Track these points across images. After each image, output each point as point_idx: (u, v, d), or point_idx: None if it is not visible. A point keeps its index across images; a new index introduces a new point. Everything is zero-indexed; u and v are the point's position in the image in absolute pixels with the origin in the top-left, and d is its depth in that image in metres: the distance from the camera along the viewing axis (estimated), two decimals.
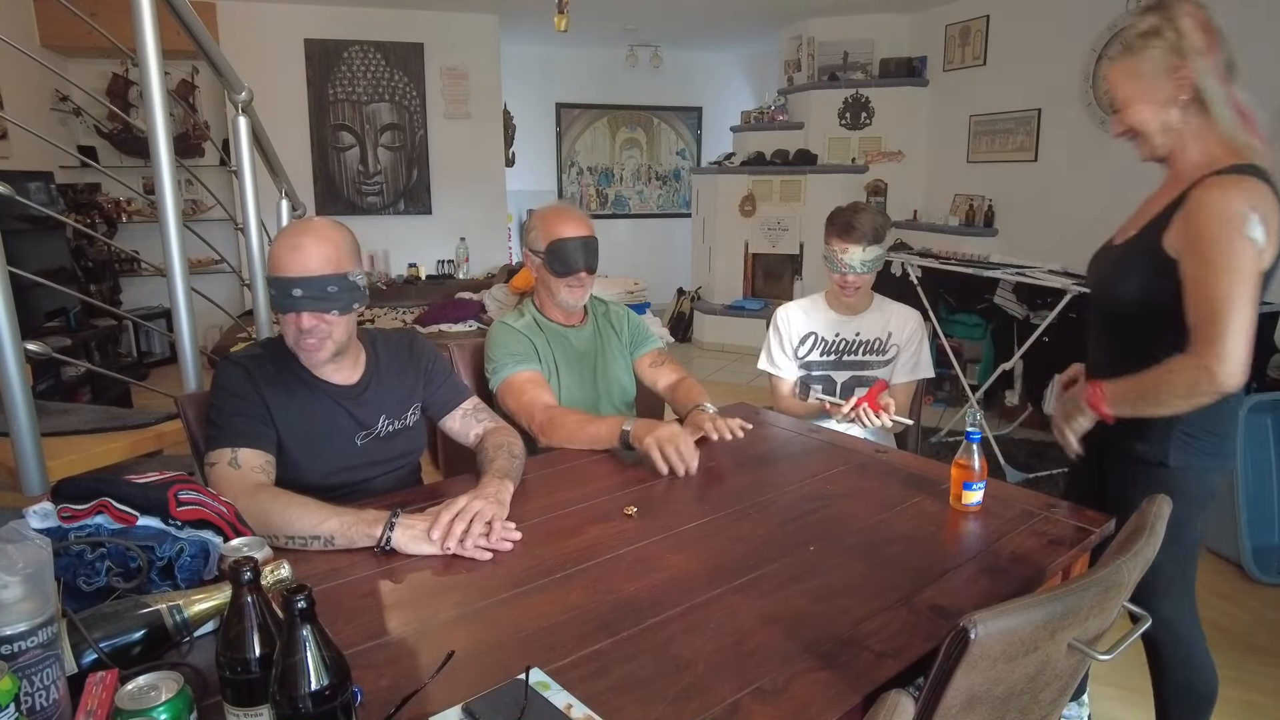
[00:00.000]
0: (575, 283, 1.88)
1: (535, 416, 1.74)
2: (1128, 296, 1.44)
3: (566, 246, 1.84)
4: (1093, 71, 4.33)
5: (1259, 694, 2.08)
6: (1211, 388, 1.27)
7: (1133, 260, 1.44)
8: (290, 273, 1.34)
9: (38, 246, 3.69)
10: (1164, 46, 1.35)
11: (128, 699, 0.73)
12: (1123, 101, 1.42)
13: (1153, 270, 1.37)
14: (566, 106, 7.39)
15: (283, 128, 5.17)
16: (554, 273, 1.86)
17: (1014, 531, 1.29)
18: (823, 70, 5.89)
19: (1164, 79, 1.35)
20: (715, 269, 6.44)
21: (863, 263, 1.99)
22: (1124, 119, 1.43)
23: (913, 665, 0.94)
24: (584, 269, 1.86)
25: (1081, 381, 1.55)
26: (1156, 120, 1.38)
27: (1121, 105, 1.43)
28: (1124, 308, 1.45)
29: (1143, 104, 1.39)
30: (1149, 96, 1.38)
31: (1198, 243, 1.30)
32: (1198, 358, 1.28)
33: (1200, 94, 1.34)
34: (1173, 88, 1.35)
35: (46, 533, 1.01)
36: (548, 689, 0.85)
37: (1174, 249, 1.34)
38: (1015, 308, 3.82)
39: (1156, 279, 1.36)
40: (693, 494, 1.48)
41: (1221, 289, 1.26)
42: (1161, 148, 1.42)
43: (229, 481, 1.28)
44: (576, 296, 1.90)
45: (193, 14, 1.90)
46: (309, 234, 1.38)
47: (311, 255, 1.35)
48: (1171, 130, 1.38)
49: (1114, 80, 1.43)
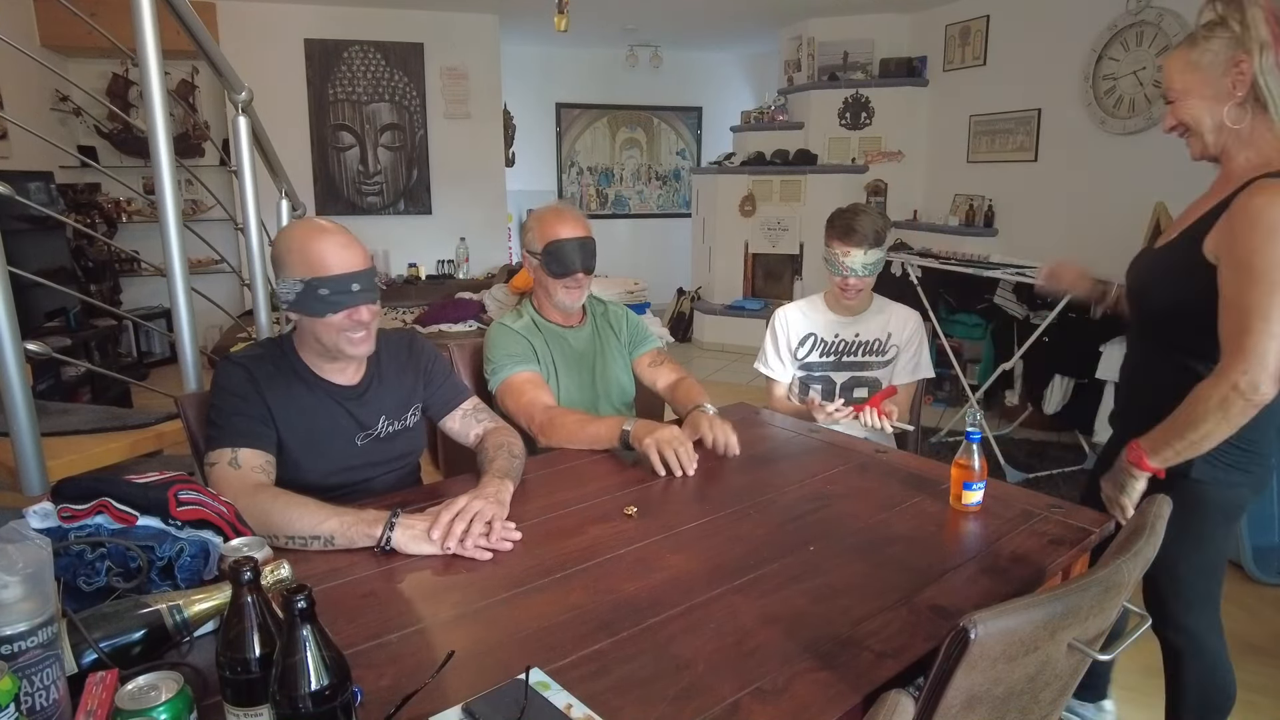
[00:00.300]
0: (573, 284, 1.87)
1: (535, 417, 1.74)
2: (1163, 301, 1.39)
3: (564, 248, 1.83)
4: (1093, 71, 4.33)
5: (1259, 694, 2.08)
6: (1245, 402, 1.21)
7: (1171, 264, 1.39)
8: (347, 269, 1.37)
9: (38, 246, 3.68)
10: (1227, 38, 1.27)
11: (128, 699, 0.73)
12: (1177, 93, 1.35)
13: (1191, 275, 1.31)
14: (566, 106, 7.39)
15: (283, 128, 5.17)
16: (551, 274, 1.85)
17: (1014, 531, 1.29)
18: (823, 70, 5.89)
19: (1222, 73, 1.28)
20: (715, 269, 6.44)
21: (864, 265, 1.99)
22: (1176, 113, 1.36)
23: (913, 665, 0.94)
24: (581, 270, 1.86)
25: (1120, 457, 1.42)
26: (1210, 117, 1.32)
27: (1175, 97, 1.35)
28: (1159, 313, 1.41)
29: (1197, 98, 1.32)
30: (1204, 90, 1.31)
31: (1236, 249, 1.24)
32: (1222, 376, 1.23)
33: (1258, 91, 1.26)
34: (1230, 83, 1.28)
35: (46, 533, 1.01)
36: (548, 689, 0.85)
37: (1214, 254, 1.28)
38: (1015, 308, 3.83)
39: (1194, 284, 1.30)
40: (693, 494, 1.48)
41: (1254, 299, 1.19)
42: (1213, 146, 1.35)
43: (229, 481, 1.28)
44: (574, 298, 1.90)
45: (193, 14, 1.90)
46: (342, 231, 1.42)
47: (356, 250, 1.40)
48: (1225, 129, 1.31)
49: (1170, 71, 1.36)
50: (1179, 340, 1.38)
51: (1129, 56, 4.15)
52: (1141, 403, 1.48)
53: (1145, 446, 1.33)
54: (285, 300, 1.39)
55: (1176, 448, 1.30)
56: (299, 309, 1.39)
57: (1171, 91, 1.36)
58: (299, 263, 1.37)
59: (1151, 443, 1.33)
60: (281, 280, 1.39)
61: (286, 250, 1.39)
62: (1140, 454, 1.33)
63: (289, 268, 1.38)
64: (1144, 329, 1.50)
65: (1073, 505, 1.40)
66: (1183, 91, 1.34)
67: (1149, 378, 1.45)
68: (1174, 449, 1.30)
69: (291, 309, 1.40)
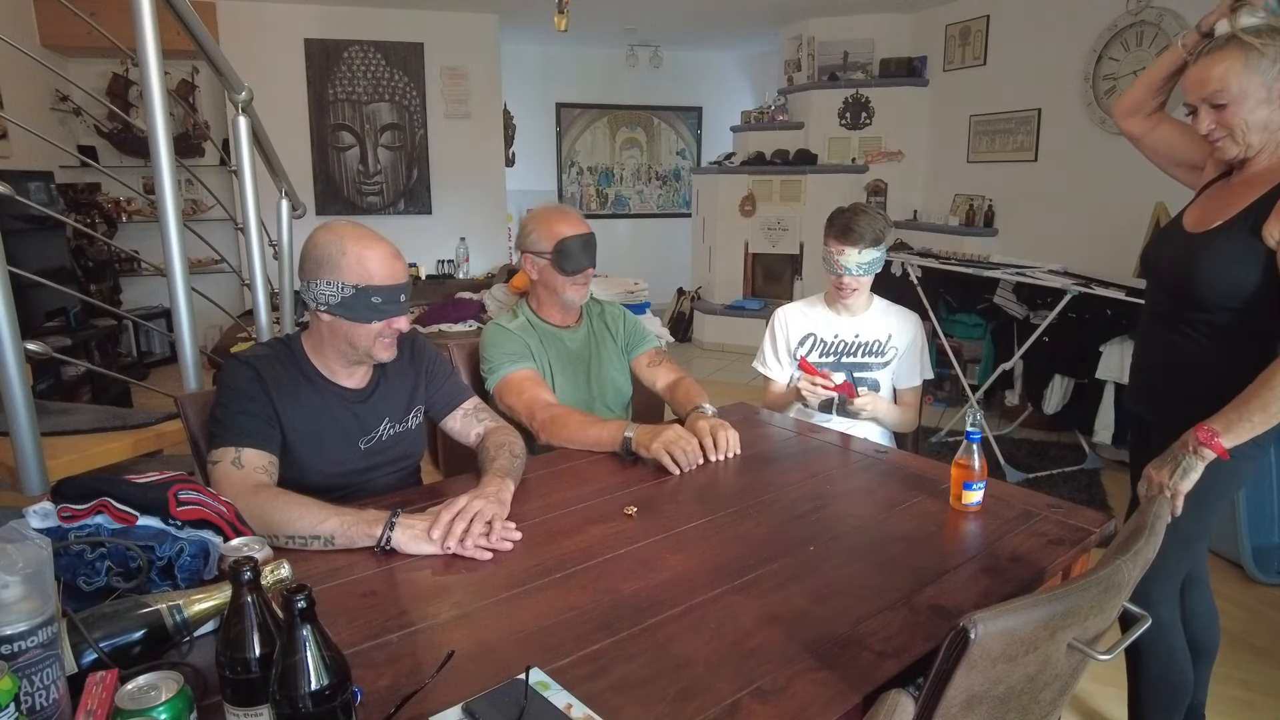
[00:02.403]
0: (582, 280, 1.90)
1: (537, 414, 1.74)
2: (1218, 285, 1.41)
3: (573, 244, 1.85)
4: (1093, 71, 4.34)
5: (1259, 694, 2.08)
6: None
7: (1224, 248, 1.41)
8: (398, 279, 1.41)
9: (38, 246, 3.68)
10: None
11: (128, 699, 0.73)
12: (1232, 97, 1.36)
13: (1249, 258, 1.36)
14: (566, 106, 7.39)
15: (283, 128, 5.18)
16: (563, 271, 1.86)
17: (1014, 531, 1.29)
18: (823, 70, 5.89)
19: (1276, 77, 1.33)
20: (715, 269, 6.44)
21: (859, 265, 1.98)
22: (1227, 118, 1.38)
23: (913, 665, 0.94)
24: (590, 265, 1.88)
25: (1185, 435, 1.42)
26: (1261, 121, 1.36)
27: (1228, 100, 1.36)
28: (1212, 297, 1.43)
29: (1255, 102, 1.35)
30: (1261, 94, 1.34)
31: None
32: None
33: None
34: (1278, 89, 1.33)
35: (46, 532, 1.01)
36: (548, 689, 0.85)
37: (1274, 238, 1.33)
38: (1015, 308, 3.82)
39: (1253, 267, 1.36)
40: (693, 494, 1.48)
41: None
42: (1252, 149, 1.39)
43: (231, 480, 1.28)
44: (581, 294, 1.92)
45: (193, 14, 1.90)
46: (389, 241, 1.44)
47: (403, 261, 1.44)
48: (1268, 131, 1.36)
49: (1226, 75, 1.35)
50: (1237, 324, 1.41)
51: (1129, 56, 4.16)
52: (1189, 387, 1.50)
53: (1218, 427, 1.34)
54: (325, 302, 1.38)
55: (1255, 421, 1.32)
56: (343, 312, 1.38)
57: (1224, 94, 1.36)
58: (353, 267, 1.37)
59: (1226, 422, 1.34)
60: (321, 281, 1.37)
61: (339, 253, 1.37)
62: (1212, 434, 1.34)
63: (339, 271, 1.37)
64: (1182, 311, 1.50)
65: (1073, 505, 1.40)
66: (1239, 96, 1.35)
67: (1196, 360, 1.47)
68: (1253, 423, 1.32)
69: (331, 311, 1.39)
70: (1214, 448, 1.35)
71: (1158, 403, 1.61)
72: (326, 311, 1.39)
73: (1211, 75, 1.37)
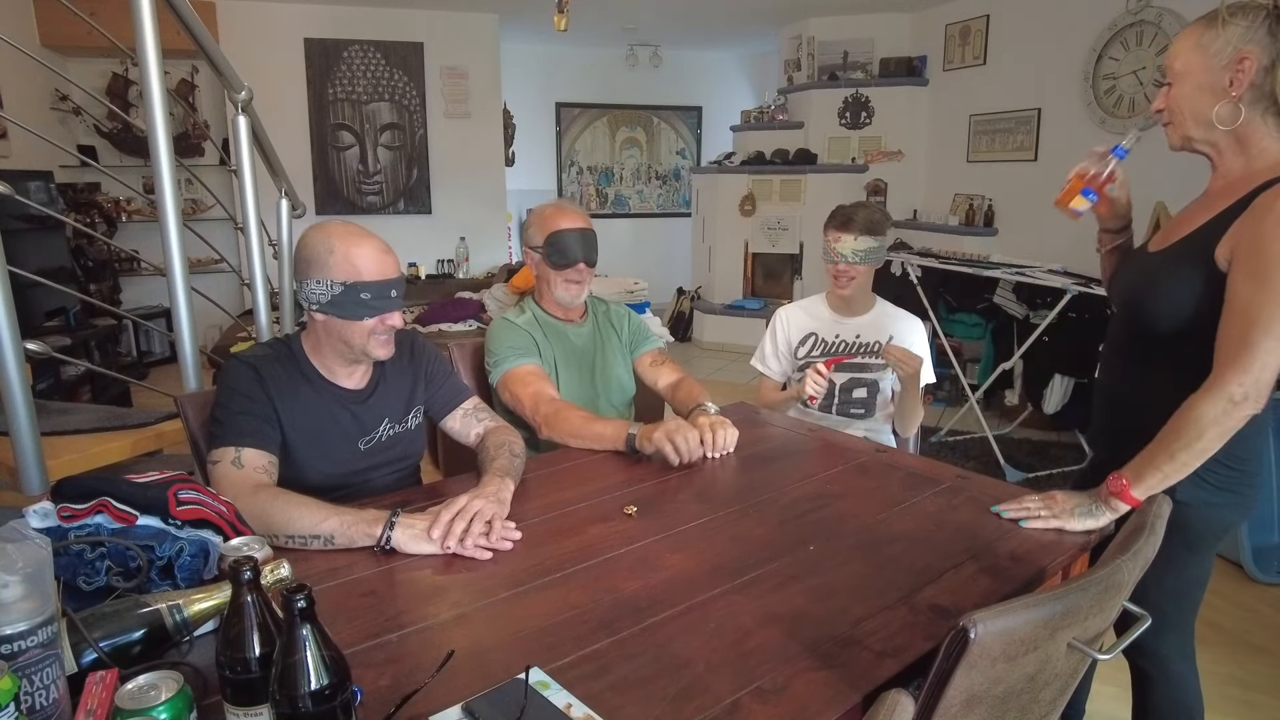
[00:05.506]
0: (574, 276, 1.88)
1: (540, 408, 1.74)
2: (1167, 310, 1.26)
3: (565, 238, 1.84)
4: (1093, 71, 4.34)
5: (1259, 694, 2.08)
6: (1238, 413, 1.13)
7: (1176, 270, 1.26)
8: (387, 275, 1.41)
9: (38, 246, 3.69)
10: (1244, 27, 1.16)
11: (127, 698, 0.73)
12: (1175, 74, 1.23)
13: (1200, 282, 1.21)
14: (566, 106, 7.39)
15: (283, 127, 5.18)
16: (553, 265, 1.86)
17: (1014, 531, 1.29)
18: (823, 70, 5.89)
19: (1224, 65, 1.18)
20: (715, 268, 6.44)
21: (854, 251, 1.98)
22: (1168, 96, 1.25)
23: (913, 665, 0.94)
24: (583, 261, 1.87)
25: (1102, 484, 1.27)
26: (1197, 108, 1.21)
27: (1172, 79, 1.24)
28: (1161, 323, 1.27)
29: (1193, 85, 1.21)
30: (1202, 78, 1.20)
31: (1253, 254, 1.13)
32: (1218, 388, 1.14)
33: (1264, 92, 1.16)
34: (1228, 79, 1.17)
35: (46, 532, 1.01)
36: (548, 688, 0.85)
37: (1227, 259, 1.18)
38: (1015, 307, 3.83)
39: (1205, 292, 1.20)
40: (693, 493, 1.48)
41: (1264, 312, 1.10)
42: (1198, 142, 1.25)
43: (230, 480, 1.28)
44: (574, 293, 1.90)
45: (193, 13, 1.90)
46: (377, 237, 1.44)
47: (394, 257, 1.45)
48: (1210, 126, 1.21)
49: (1177, 47, 1.23)
50: (1179, 354, 1.26)
51: (1129, 56, 4.16)
52: (1130, 423, 1.34)
53: (1128, 476, 1.21)
54: (316, 301, 1.38)
55: (1165, 471, 1.18)
56: (333, 310, 1.38)
57: (1170, 71, 1.25)
58: (340, 265, 1.37)
59: (1136, 470, 1.20)
60: (312, 280, 1.38)
61: (326, 251, 1.38)
62: (1124, 485, 1.21)
63: (328, 269, 1.37)
64: (1133, 341, 1.37)
65: None
66: (1181, 73, 1.23)
67: (1138, 396, 1.33)
68: (1163, 473, 1.18)
69: (322, 310, 1.39)
70: (1125, 498, 1.21)
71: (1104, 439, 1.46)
72: (319, 310, 1.39)
73: (1172, 47, 1.25)
